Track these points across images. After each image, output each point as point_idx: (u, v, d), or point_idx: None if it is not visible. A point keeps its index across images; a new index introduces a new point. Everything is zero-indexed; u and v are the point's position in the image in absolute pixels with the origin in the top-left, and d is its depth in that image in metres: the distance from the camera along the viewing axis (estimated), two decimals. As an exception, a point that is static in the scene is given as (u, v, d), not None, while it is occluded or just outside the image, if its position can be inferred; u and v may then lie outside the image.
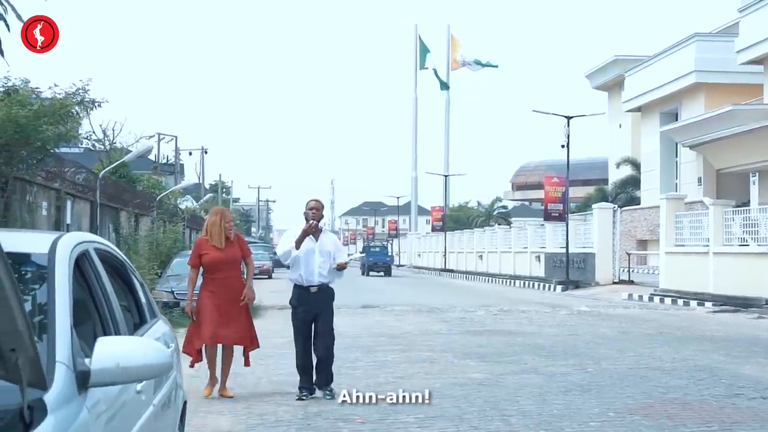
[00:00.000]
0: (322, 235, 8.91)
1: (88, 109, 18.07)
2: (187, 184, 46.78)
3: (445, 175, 72.82)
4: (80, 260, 3.37)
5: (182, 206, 45.94)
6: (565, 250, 34.41)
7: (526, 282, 38.23)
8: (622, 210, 39.49)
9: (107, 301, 3.54)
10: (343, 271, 8.92)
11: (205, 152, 65.67)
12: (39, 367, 2.36)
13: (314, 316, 8.80)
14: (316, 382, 8.79)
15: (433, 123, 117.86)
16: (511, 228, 49.00)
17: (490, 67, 79.83)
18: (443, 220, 64.16)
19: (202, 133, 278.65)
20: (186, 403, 4.94)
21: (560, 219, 36.79)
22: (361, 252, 68.52)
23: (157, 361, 2.90)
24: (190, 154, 64.22)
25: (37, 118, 14.96)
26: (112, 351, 2.79)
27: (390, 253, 63.14)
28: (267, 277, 42.86)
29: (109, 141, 42.18)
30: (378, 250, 58.32)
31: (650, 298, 26.18)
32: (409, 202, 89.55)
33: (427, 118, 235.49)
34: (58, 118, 15.82)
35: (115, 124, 45.46)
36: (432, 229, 71.15)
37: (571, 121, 35.23)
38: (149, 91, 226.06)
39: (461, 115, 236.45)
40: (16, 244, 3.18)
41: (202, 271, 8.87)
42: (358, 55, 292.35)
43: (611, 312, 21.61)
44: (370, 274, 52.41)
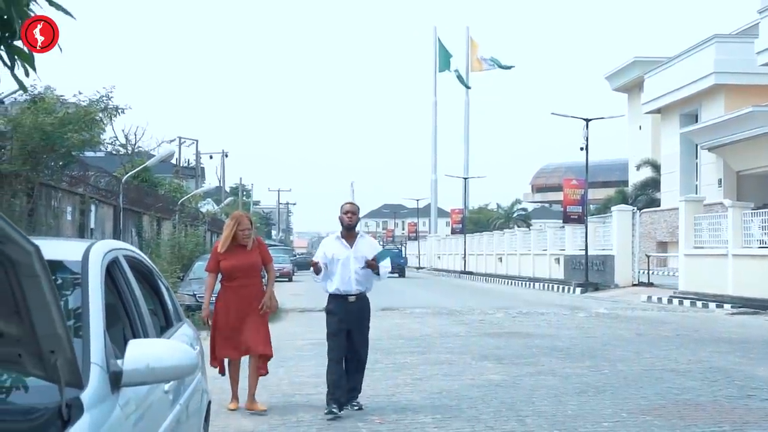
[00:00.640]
0: (359, 240, 8.42)
1: (112, 116, 18.35)
2: (208, 188, 47.20)
3: (465, 178, 72.90)
4: (110, 267, 3.57)
5: (203, 209, 46.31)
6: (584, 253, 34.42)
7: (546, 284, 38.24)
8: (642, 212, 39.42)
9: (136, 305, 3.75)
10: (382, 275, 8.34)
11: (226, 156, 65.96)
12: (76, 368, 2.54)
13: (350, 327, 8.28)
14: (344, 395, 8.21)
15: (453, 125, 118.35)
16: (530, 230, 48.93)
17: (505, 68, 79.48)
18: (463, 222, 64.08)
19: (223, 137, 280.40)
20: (210, 404, 5.12)
21: (579, 221, 36.77)
22: None
23: (184, 363, 3.07)
24: (211, 157, 64.56)
25: (62, 126, 15.22)
26: (143, 353, 2.97)
27: (404, 256, 63.35)
28: (287, 279, 43.08)
29: (132, 146, 42.65)
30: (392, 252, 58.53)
31: (669, 301, 26.16)
32: (429, 204, 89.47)
33: (447, 121, 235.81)
34: (83, 125, 16.08)
35: (137, 128, 46.10)
36: (452, 232, 71.03)
37: (590, 122, 35.24)
38: (171, 95, 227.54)
39: (481, 117, 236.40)
40: (50, 252, 3.35)
41: (220, 277, 8.51)
42: (377, 59, 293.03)
43: (630, 314, 21.64)
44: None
